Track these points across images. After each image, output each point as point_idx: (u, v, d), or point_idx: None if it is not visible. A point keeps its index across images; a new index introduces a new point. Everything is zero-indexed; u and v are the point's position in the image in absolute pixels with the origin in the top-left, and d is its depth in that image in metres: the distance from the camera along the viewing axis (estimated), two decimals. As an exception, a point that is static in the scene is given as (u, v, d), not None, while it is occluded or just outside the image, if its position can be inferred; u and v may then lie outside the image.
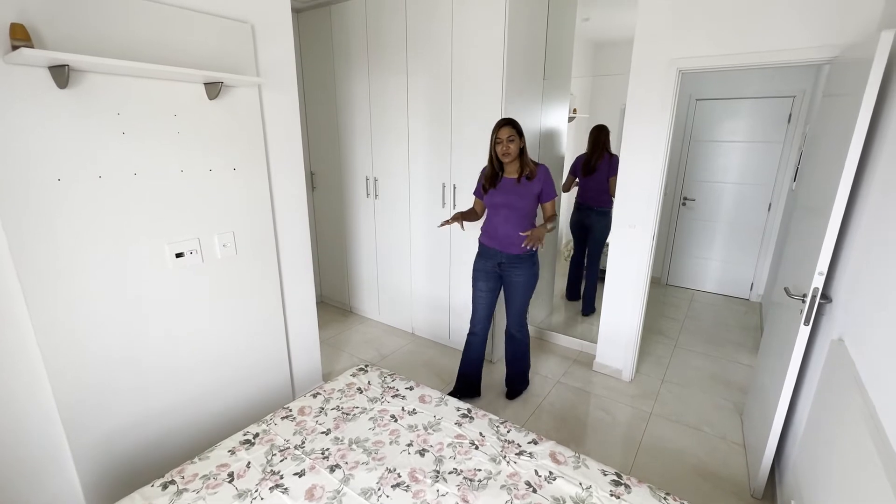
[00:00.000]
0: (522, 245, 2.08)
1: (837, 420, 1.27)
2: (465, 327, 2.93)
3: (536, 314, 3.35)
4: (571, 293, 3.80)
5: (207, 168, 1.76)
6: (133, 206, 1.56)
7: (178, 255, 1.71)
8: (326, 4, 3.02)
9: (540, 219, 2.31)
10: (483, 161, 2.57)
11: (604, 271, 2.72)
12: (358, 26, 2.91)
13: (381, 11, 2.77)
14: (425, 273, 3.06)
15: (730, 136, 3.92)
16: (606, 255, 4.11)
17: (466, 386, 2.51)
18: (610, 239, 2.63)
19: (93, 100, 1.41)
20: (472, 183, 2.66)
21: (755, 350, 3.11)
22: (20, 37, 1.19)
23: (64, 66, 1.28)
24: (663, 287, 4.42)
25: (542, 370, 2.82)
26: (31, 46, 1.21)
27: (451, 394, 2.52)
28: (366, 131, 3.08)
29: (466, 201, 2.71)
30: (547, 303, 3.53)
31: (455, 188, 2.74)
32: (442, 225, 2.26)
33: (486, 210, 2.28)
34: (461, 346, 3.01)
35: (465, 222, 2.27)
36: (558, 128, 3.08)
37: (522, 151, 2.14)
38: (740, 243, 4.05)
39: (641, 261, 2.52)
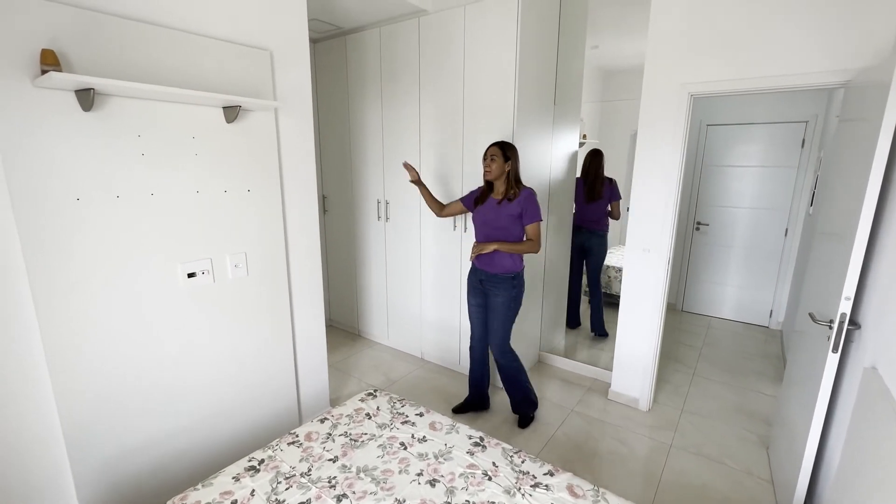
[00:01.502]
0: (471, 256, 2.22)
1: (874, 454, 1.19)
2: (476, 352, 2.89)
3: (549, 339, 3.29)
4: (572, 320, 3.70)
5: (223, 189, 1.78)
6: (149, 225, 1.57)
7: (190, 275, 1.72)
8: (342, 34, 3.13)
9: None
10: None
11: (613, 295, 2.67)
12: (372, 55, 2.99)
13: (395, 41, 2.85)
14: (435, 296, 3.03)
15: (743, 160, 3.90)
16: (610, 278, 4.08)
17: (473, 397, 2.55)
18: (624, 263, 2.59)
19: (115, 122, 1.45)
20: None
21: (777, 379, 2.99)
22: (50, 62, 1.23)
23: (89, 89, 1.32)
24: (678, 313, 4.32)
25: (555, 398, 2.73)
26: (60, 71, 1.25)
27: (460, 405, 2.56)
28: (378, 155, 3.13)
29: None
30: (559, 327, 3.46)
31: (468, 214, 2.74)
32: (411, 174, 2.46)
33: (474, 227, 2.35)
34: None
35: (423, 194, 2.52)
36: (570, 153, 3.10)
37: (509, 175, 2.17)
38: (757, 269, 3.96)
39: (657, 286, 2.47)
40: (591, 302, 3.56)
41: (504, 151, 2.16)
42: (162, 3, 1.53)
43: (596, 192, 3.31)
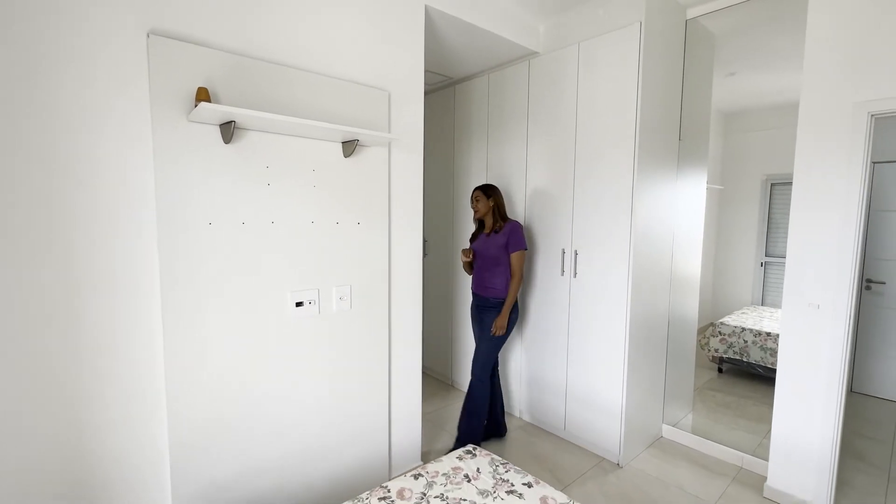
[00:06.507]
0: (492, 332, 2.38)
1: None
2: (587, 417, 2.50)
3: (673, 411, 2.76)
4: None
5: (335, 221, 1.80)
6: (266, 252, 1.62)
7: (298, 305, 1.71)
8: (451, 84, 3.24)
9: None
10: (609, 221, 2.34)
11: (751, 364, 2.15)
12: (479, 101, 3.03)
13: (503, 86, 2.86)
14: (538, 351, 2.75)
15: (930, 204, 3.12)
16: (746, 343, 3.39)
17: (488, 423, 2.54)
18: (781, 324, 2.09)
19: (248, 154, 1.55)
20: (599, 248, 2.41)
21: None
22: (203, 98, 1.35)
23: (230, 122, 1.42)
24: (848, 394, 3.41)
25: (690, 486, 2.21)
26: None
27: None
28: (481, 198, 3.06)
29: (588, 268, 2.44)
30: (685, 396, 2.91)
31: (576, 254, 2.50)
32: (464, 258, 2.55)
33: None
34: (578, 440, 2.57)
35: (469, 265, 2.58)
36: (697, 193, 2.73)
37: (495, 210, 2.42)
38: (966, 344, 3.01)
39: (833, 354, 1.93)
40: None
41: (485, 192, 2.42)
42: (299, 48, 1.66)
43: None
